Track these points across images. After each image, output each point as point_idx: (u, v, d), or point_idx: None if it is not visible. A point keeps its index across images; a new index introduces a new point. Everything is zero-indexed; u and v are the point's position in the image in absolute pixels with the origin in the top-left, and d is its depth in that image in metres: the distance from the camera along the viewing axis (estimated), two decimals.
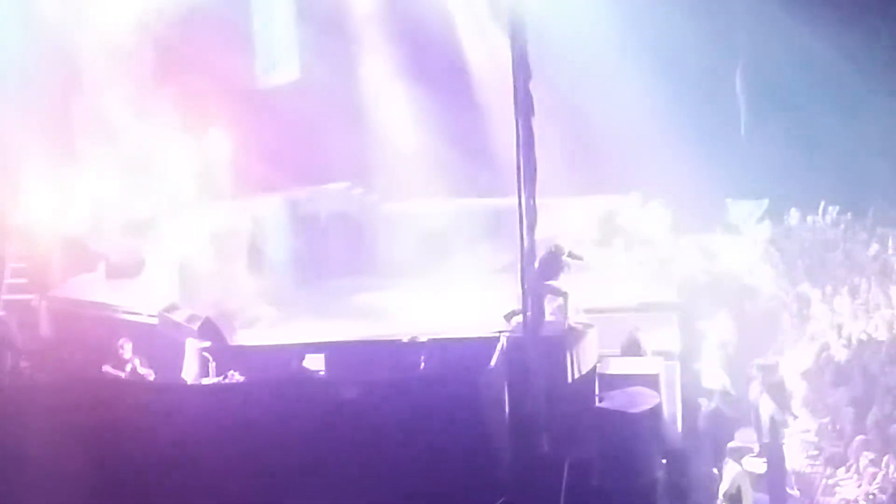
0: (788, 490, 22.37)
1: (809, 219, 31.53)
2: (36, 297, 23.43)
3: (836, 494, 21.46)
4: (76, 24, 25.93)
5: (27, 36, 24.40)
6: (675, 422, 21.48)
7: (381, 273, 27.52)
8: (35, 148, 24.11)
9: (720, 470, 20.94)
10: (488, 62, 28.92)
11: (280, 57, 30.29)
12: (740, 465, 20.99)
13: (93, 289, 23.69)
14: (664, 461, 20.37)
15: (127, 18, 26.42)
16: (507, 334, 20.38)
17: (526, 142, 20.04)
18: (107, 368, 20.92)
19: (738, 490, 20.58)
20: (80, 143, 25.70)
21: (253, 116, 27.55)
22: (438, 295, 25.25)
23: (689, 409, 22.27)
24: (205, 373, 21.09)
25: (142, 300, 23.15)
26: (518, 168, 20.02)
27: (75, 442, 18.10)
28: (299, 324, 24.22)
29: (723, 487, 20.66)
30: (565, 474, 18.86)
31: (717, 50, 31.94)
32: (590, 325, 21.83)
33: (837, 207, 31.97)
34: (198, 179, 27.03)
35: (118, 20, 26.32)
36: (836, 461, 21.96)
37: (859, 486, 20.81)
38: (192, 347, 21.56)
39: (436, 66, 30.63)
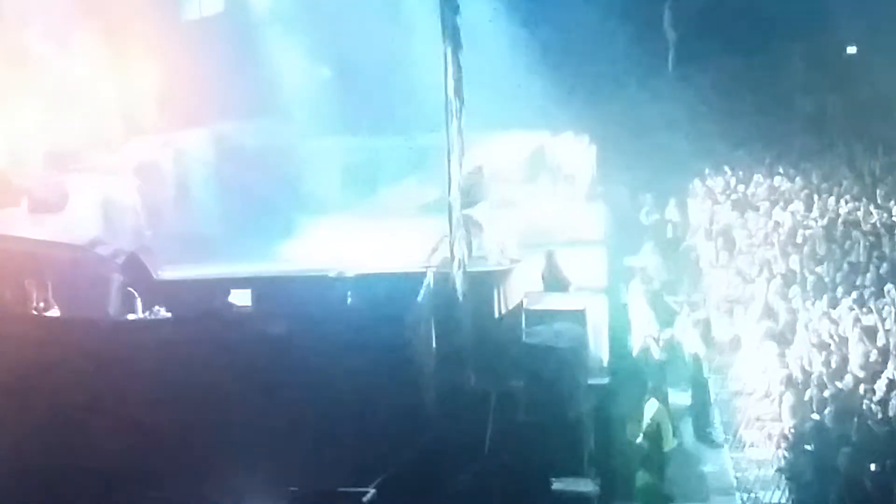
0: (712, 424, 22.64)
1: (734, 155, 31.80)
2: None
3: (759, 428, 21.72)
4: None
5: None
6: (600, 357, 21.61)
7: (306, 208, 27.39)
8: None
9: (643, 406, 21.16)
10: None
11: None
12: (660, 402, 21.21)
13: (15, 223, 23.38)
14: (589, 396, 20.55)
15: None
16: (434, 269, 20.37)
17: (454, 76, 19.96)
18: (30, 304, 20.74)
19: (658, 427, 20.79)
20: (2, 75, 25.30)
21: (177, 49, 27.19)
22: (364, 230, 25.17)
23: (615, 344, 22.44)
24: (130, 308, 20.94)
25: (66, 235, 22.90)
26: (446, 103, 19.95)
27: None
28: (225, 259, 24.08)
29: (643, 424, 20.85)
30: (492, 408, 18.89)
31: None
32: (517, 261, 21.91)
33: (763, 142, 32.30)
34: (122, 113, 26.75)
35: None
36: (760, 395, 22.22)
37: (782, 419, 21.05)
38: (117, 283, 21.41)
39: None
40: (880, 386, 20.56)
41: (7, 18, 25.58)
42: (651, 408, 21.01)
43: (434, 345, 19.19)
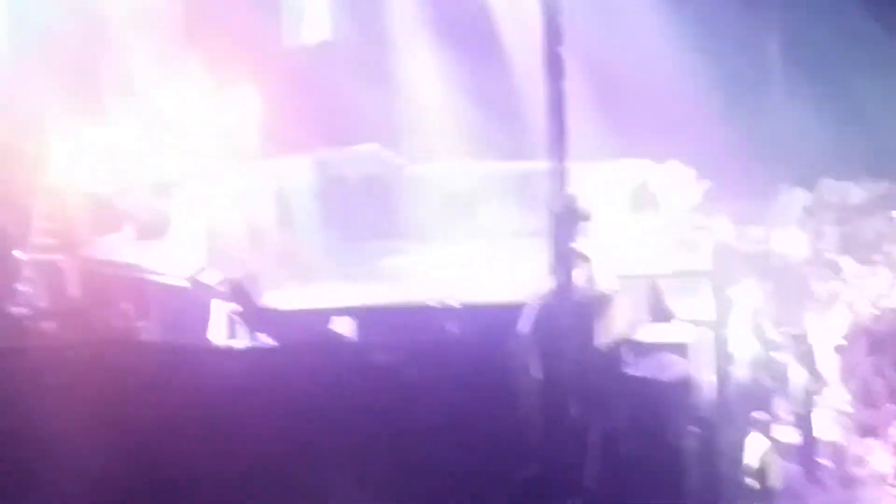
0: (819, 460, 22.32)
1: (843, 186, 31.33)
2: (63, 256, 23.36)
3: (867, 465, 21.38)
4: None
5: None
6: (704, 391, 21.36)
7: (408, 236, 27.41)
8: (63, 106, 24.02)
9: (747, 441, 20.91)
10: (518, 23, 28.71)
11: (310, 17, 30.15)
12: (766, 437, 20.93)
13: (121, 249, 23.61)
14: (693, 430, 20.33)
15: None
16: (536, 300, 20.25)
17: (555, 105, 19.86)
18: (133, 329, 20.92)
19: (762, 463, 20.52)
20: (109, 102, 25.63)
21: (282, 77, 27.40)
22: (467, 259, 25.15)
23: (720, 377, 22.18)
24: (232, 335, 21.07)
25: (169, 261, 23.09)
26: (548, 130, 19.87)
27: (100, 403, 18.04)
28: (327, 287, 24.14)
29: (748, 460, 20.59)
30: (593, 441, 18.76)
31: (753, 15, 31.64)
32: (619, 291, 21.73)
33: (872, 176, 31.77)
34: (226, 140, 26.93)
35: None
36: (868, 431, 21.87)
37: (891, 456, 20.70)
38: (220, 310, 21.54)
39: (464, 27, 30.46)
40: None
41: (116, 46, 25.91)
42: (755, 443, 20.76)
43: (535, 376, 19.06)
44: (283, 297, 22.89)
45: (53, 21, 24.05)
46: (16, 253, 23.42)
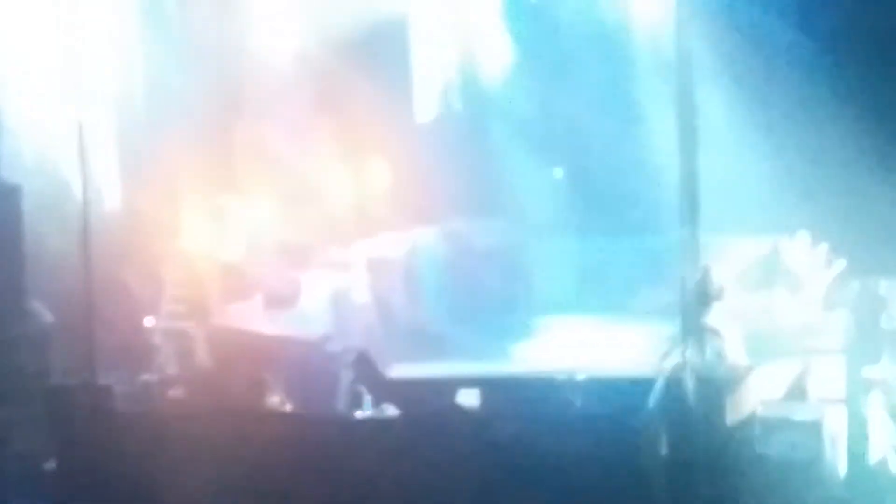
0: None
1: None
2: (193, 324, 23.59)
3: None
4: (237, 53, 26.27)
5: (189, 64, 24.66)
6: (838, 471, 20.91)
7: (537, 310, 27.27)
8: (195, 174, 24.37)
9: None
10: (649, 94, 28.54)
11: (441, 89, 30.29)
12: None
13: (249, 317, 23.80)
14: None
15: (287, 49, 26.71)
16: (666, 375, 20.02)
17: (688, 178, 19.69)
18: (259, 398, 21.02)
19: None
20: (240, 171, 25.94)
21: (412, 148, 27.54)
22: (595, 332, 24.96)
23: (854, 458, 21.68)
24: (358, 405, 21.10)
25: (297, 330, 23.22)
26: (680, 205, 19.69)
27: (226, 471, 18.18)
28: (454, 357, 24.10)
29: None
30: None
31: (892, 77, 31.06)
32: (750, 368, 21.43)
33: None
34: (355, 209, 27.10)
35: (279, 50, 26.64)
36: None
37: None
38: (346, 379, 21.58)
39: (593, 100, 30.35)
40: None
41: (247, 116, 26.25)
42: None
43: (665, 451, 18.85)
44: (409, 367, 22.90)
45: (188, 89, 24.41)
46: (147, 319, 23.74)
